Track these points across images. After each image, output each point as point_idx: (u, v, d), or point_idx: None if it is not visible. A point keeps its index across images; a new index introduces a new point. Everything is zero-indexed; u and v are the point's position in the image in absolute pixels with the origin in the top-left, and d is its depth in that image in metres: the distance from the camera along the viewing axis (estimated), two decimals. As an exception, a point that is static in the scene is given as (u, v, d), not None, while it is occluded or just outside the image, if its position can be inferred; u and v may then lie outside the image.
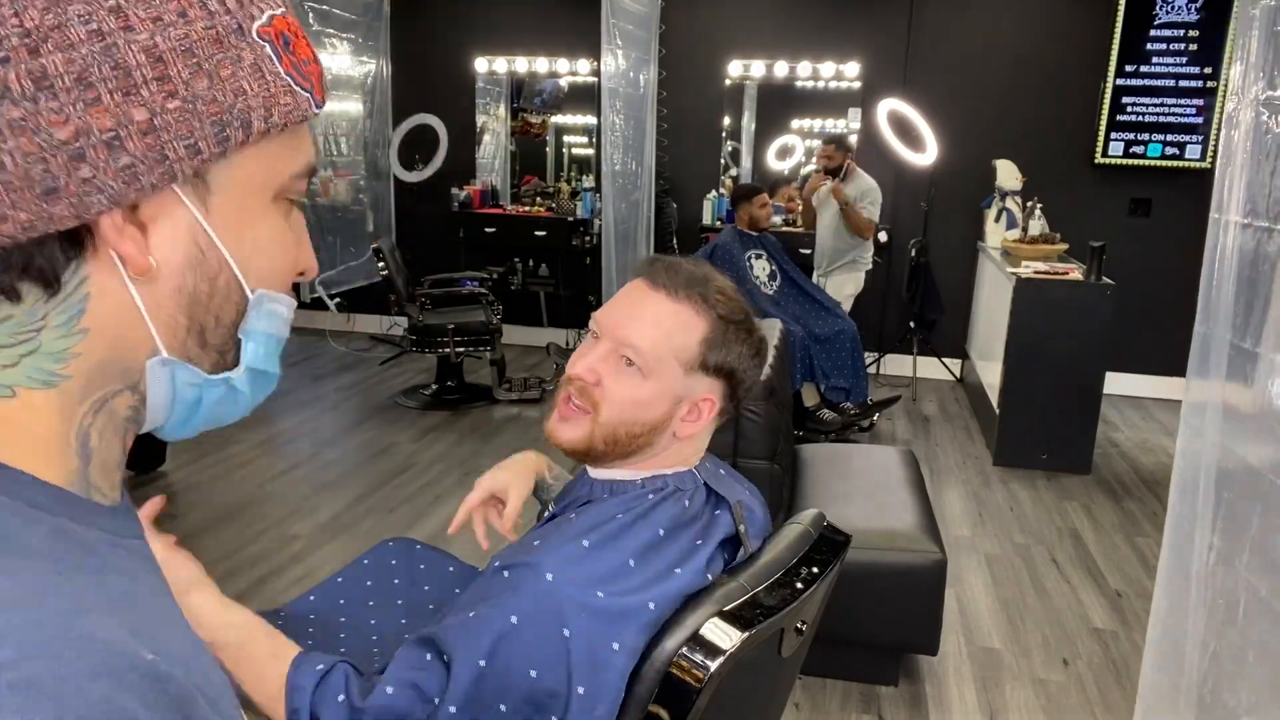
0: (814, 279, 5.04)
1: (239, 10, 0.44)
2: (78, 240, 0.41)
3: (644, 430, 1.05)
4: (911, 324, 5.39)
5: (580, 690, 0.93)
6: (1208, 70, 5.12)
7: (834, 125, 5.97)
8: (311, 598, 1.36)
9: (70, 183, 0.39)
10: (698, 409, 1.06)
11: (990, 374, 4.66)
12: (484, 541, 1.23)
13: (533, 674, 0.93)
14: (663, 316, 1.03)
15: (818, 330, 4.43)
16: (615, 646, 0.94)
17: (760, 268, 4.55)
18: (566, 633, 0.92)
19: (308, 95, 0.47)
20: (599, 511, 1.04)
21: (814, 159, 5.99)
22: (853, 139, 5.78)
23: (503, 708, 0.93)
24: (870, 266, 5.20)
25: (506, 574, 0.97)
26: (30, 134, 0.38)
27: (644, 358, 1.02)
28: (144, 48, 0.40)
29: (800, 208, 5.62)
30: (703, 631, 0.97)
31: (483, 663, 0.93)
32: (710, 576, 1.04)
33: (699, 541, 1.05)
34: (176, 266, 0.44)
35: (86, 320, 0.42)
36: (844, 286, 5.08)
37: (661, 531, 1.02)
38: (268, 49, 0.45)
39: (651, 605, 0.98)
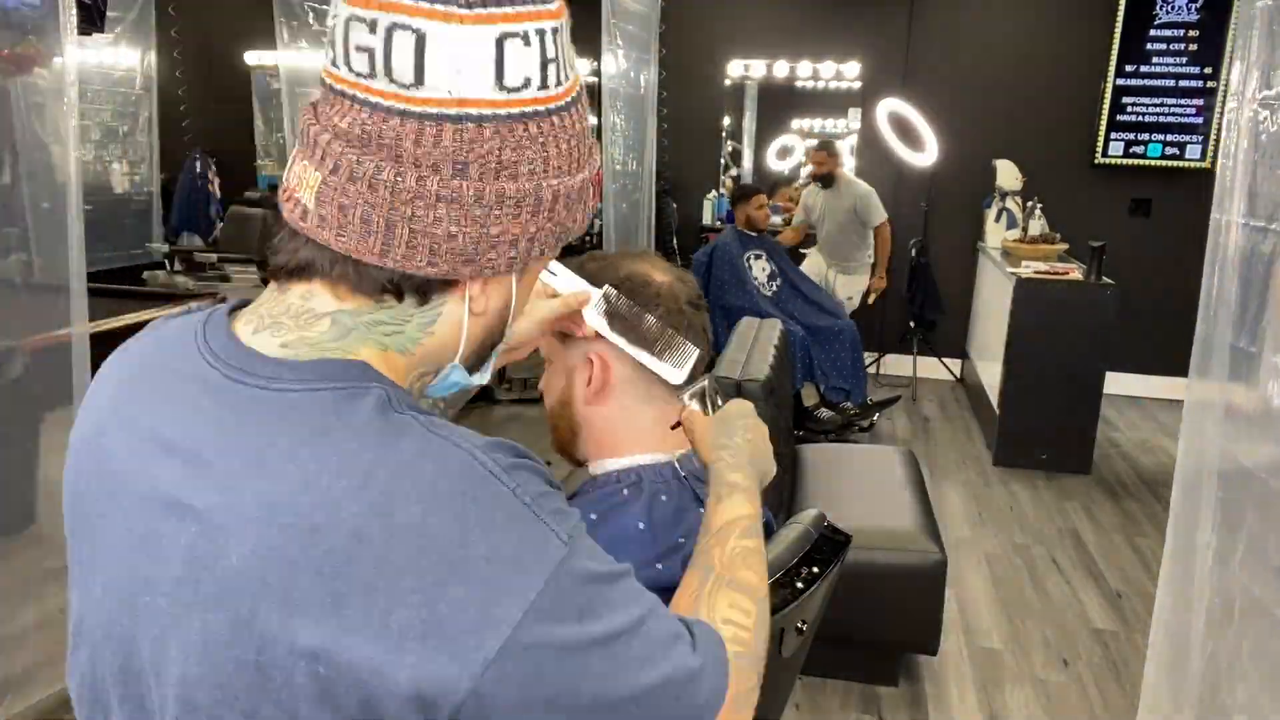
0: (821, 279, 5.03)
1: (594, 160, 0.68)
2: (451, 283, 0.65)
3: (559, 411, 1.08)
4: (911, 324, 5.39)
5: None
6: (1208, 70, 5.12)
7: (834, 125, 5.97)
8: None
9: (481, 258, 0.62)
10: (588, 366, 1.04)
11: (990, 374, 4.66)
12: None
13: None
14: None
15: (817, 331, 4.44)
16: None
17: (760, 268, 4.56)
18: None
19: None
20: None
21: (804, 163, 5.99)
22: (852, 139, 5.79)
23: None
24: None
25: None
26: (478, 225, 0.61)
27: (544, 346, 1.07)
28: (553, 190, 0.63)
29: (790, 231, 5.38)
30: (703, 631, 0.96)
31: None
32: None
33: (681, 540, 1.04)
34: (492, 312, 0.69)
35: (433, 328, 0.66)
36: (854, 284, 5.09)
37: (641, 525, 1.02)
38: (591, 190, 0.68)
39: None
